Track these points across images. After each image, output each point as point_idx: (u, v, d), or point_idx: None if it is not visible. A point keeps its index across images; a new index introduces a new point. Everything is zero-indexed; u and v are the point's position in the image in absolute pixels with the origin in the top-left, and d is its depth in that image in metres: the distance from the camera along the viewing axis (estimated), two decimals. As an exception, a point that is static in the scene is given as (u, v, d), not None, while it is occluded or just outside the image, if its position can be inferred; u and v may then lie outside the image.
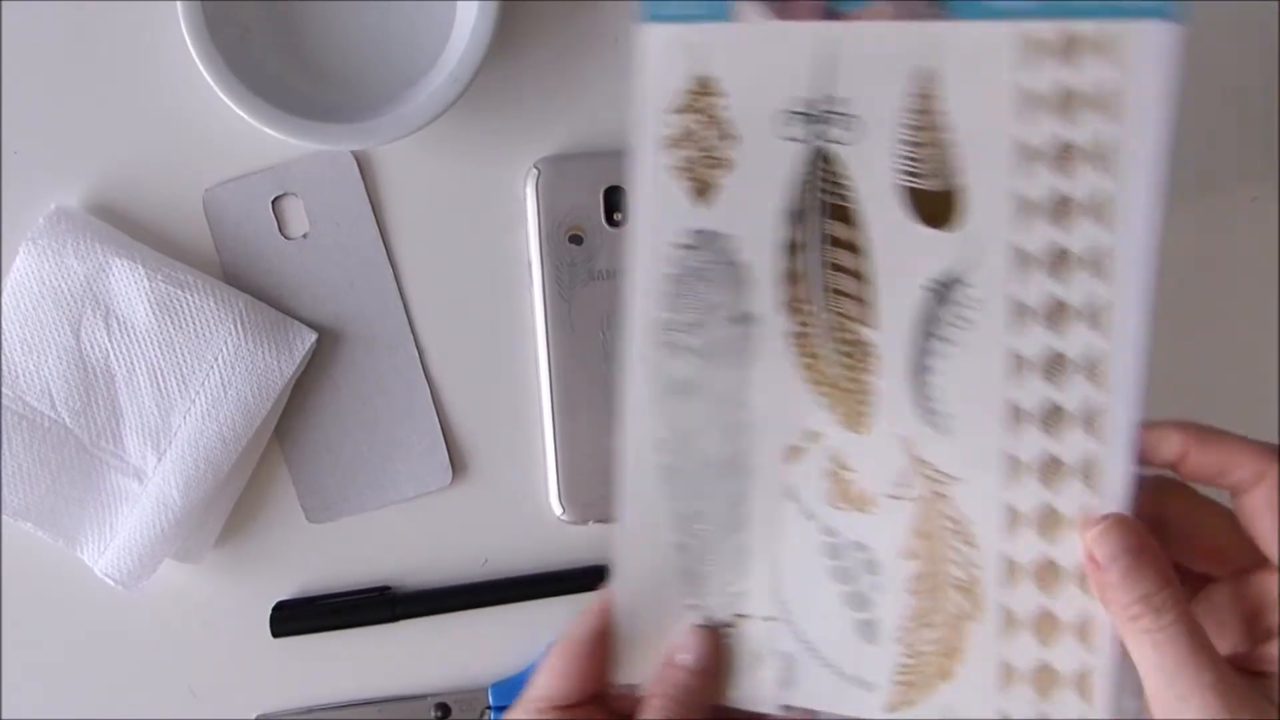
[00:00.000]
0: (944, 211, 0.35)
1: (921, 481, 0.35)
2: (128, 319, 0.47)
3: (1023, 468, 0.35)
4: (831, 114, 0.35)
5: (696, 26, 0.35)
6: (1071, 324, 0.34)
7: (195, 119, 0.47)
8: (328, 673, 0.50)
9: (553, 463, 0.48)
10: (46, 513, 0.47)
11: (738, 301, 0.36)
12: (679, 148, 0.36)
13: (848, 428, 0.36)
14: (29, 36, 0.48)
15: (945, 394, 0.35)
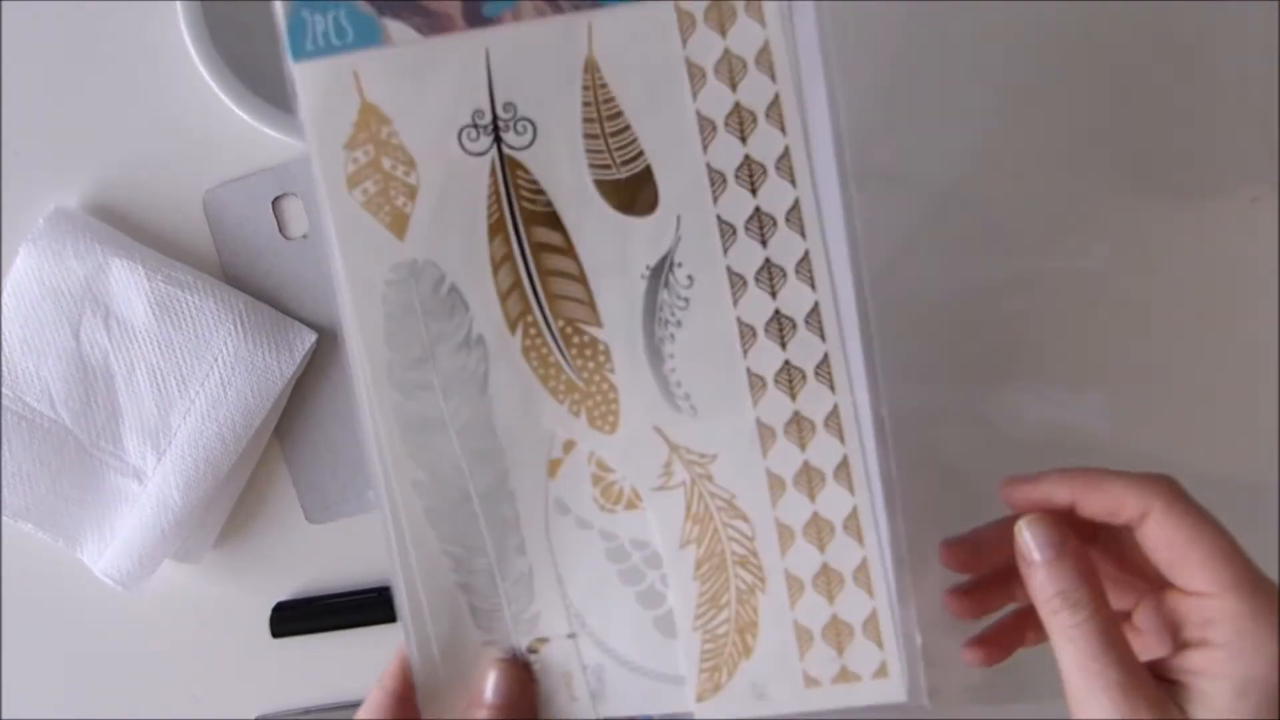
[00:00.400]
0: (639, 197, 0.35)
1: (683, 467, 0.36)
2: (127, 319, 0.47)
3: (773, 431, 0.35)
4: (504, 121, 0.34)
5: (348, 56, 0.34)
6: (786, 280, 0.35)
7: (195, 119, 0.48)
8: (328, 673, 0.50)
9: None
10: (46, 513, 0.47)
11: (460, 328, 0.35)
12: (361, 183, 0.35)
13: (599, 430, 0.36)
14: (29, 36, 0.48)
15: (685, 376, 0.35)
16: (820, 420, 0.35)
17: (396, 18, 0.34)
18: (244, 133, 0.45)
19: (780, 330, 0.35)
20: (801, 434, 0.35)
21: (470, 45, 0.34)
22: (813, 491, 0.35)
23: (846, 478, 0.35)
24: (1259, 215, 0.52)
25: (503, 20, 0.34)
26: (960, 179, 0.50)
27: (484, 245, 0.35)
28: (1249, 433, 0.52)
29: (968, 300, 0.51)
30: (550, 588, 0.36)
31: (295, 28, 0.34)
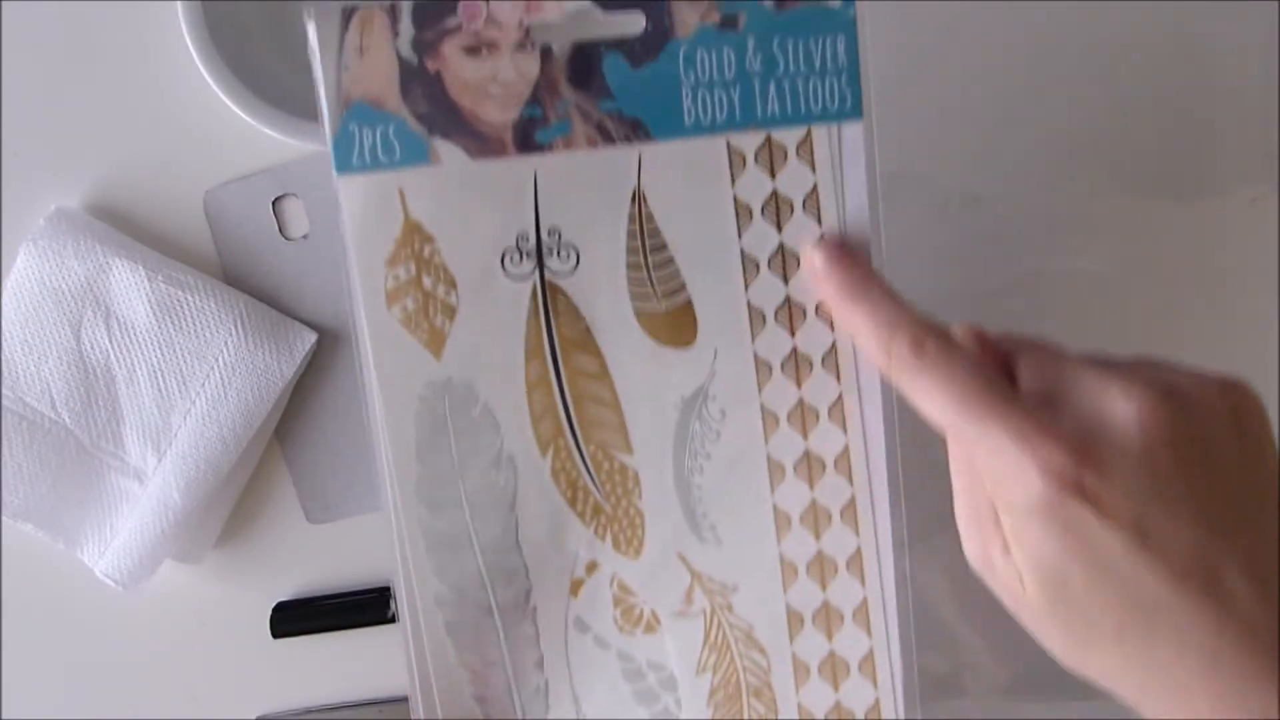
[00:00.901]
0: (678, 329, 0.35)
1: (704, 595, 0.36)
2: (128, 320, 0.47)
3: (795, 568, 0.36)
4: (548, 246, 0.34)
5: (395, 173, 0.33)
6: (818, 424, 0.35)
7: (196, 120, 0.47)
8: (328, 673, 0.50)
9: None
10: (46, 513, 0.47)
11: (491, 447, 0.35)
12: (401, 300, 0.34)
13: (623, 554, 0.36)
14: (29, 36, 0.48)
15: (711, 507, 0.36)
16: (843, 562, 0.36)
17: (446, 138, 0.33)
18: (244, 133, 0.45)
19: (809, 470, 0.36)
20: (823, 573, 0.36)
21: (519, 170, 0.34)
22: (830, 630, 0.36)
23: (865, 620, 0.36)
24: (1259, 215, 0.52)
25: (554, 147, 0.34)
26: (961, 179, 0.50)
27: (520, 368, 0.35)
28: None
29: (968, 300, 0.51)
30: (566, 704, 0.37)
31: (342, 141, 0.33)
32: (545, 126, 0.33)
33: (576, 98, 0.33)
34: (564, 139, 0.34)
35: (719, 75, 0.34)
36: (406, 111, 0.33)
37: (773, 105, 0.34)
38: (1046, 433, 0.30)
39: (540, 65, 0.33)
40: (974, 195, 0.51)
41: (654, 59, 0.33)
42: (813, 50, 0.34)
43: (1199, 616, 0.29)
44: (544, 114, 0.33)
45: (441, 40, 0.33)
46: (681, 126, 0.34)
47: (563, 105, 0.33)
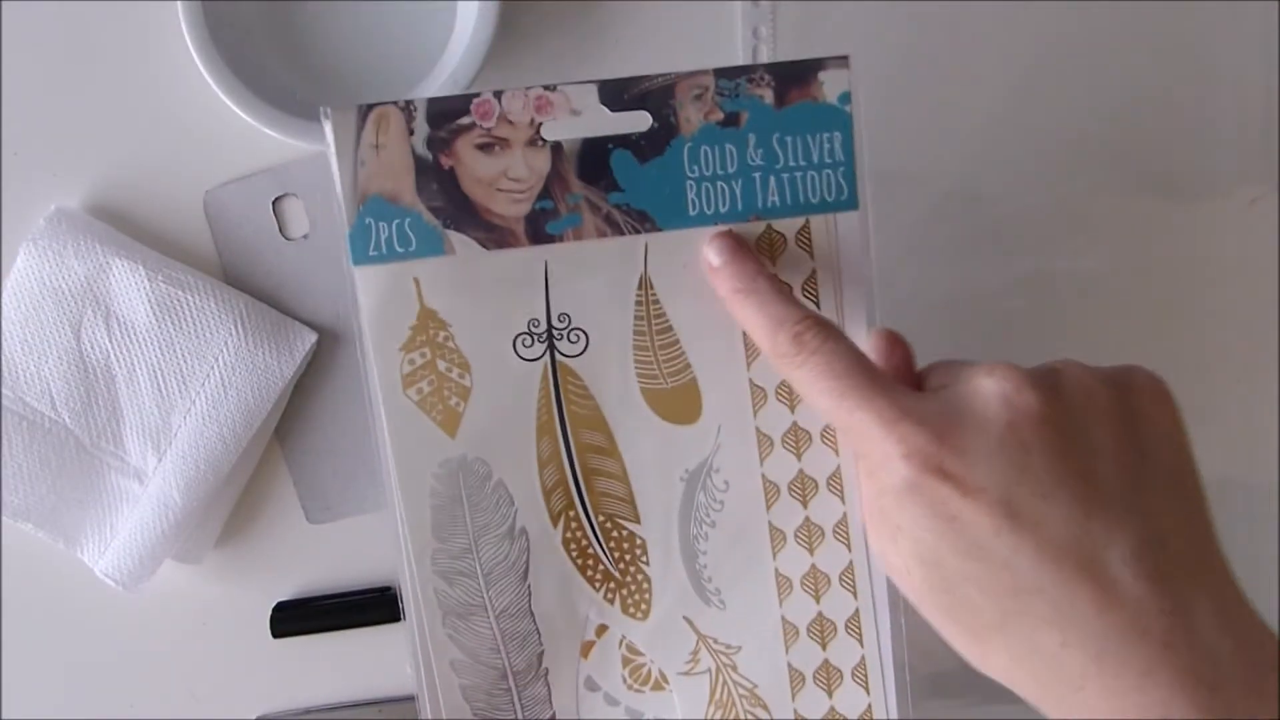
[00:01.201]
0: (683, 407, 0.37)
1: (709, 655, 0.38)
2: (128, 319, 0.47)
3: (797, 631, 0.38)
4: (558, 330, 0.36)
5: (411, 264, 0.35)
6: (817, 494, 0.37)
7: (196, 120, 0.47)
8: (328, 673, 0.50)
9: None
10: (47, 513, 0.47)
11: (504, 520, 0.37)
12: (417, 383, 0.36)
13: (631, 617, 0.38)
14: (29, 37, 0.48)
15: (715, 572, 0.38)
16: (842, 623, 0.38)
17: (460, 231, 0.35)
18: (244, 133, 0.45)
19: (810, 538, 0.37)
20: (823, 633, 0.38)
21: (531, 259, 0.36)
22: (831, 688, 0.38)
23: (863, 678, 0.38)
24: (1259, 215, 0.52)
25: (564, 238, 0.36)
26: (961, 179, 0.50)
27: (532, 445, 0.37)
28: (1249, 433, 0.52)
29: (968, 300, 0.51)
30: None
31: (359, 233, 0.35)
32: (556, 219, 0.35)
33: (586, 191, 0.35)
34: (574, 230, 0.36)
35: (721, 170, 0.36)
36: (421, 206, 0.35)
37: (773, 197, 0.36)
38: (909, 415, 0.31)
39: (551, 161, 0.35)
40: (974, 195, 0.51)
41: (660, 154, 0.35)
42: (811, 146, 0.36)
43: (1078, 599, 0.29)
44: (555, 207, 0.35)
45: (455, 138, 0.35)
46: (686, 217, 0.36)
47: (573, 198, 0.35)
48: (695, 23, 0.49)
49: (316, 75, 0.47)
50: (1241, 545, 0.53)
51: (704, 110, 0.35)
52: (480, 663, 0.38)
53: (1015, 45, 0.50)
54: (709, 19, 0.49)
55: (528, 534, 0.37)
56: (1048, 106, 0.51)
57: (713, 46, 0.49)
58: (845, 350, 0.33)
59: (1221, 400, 0.52)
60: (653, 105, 0.35)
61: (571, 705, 0.38)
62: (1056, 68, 0.51)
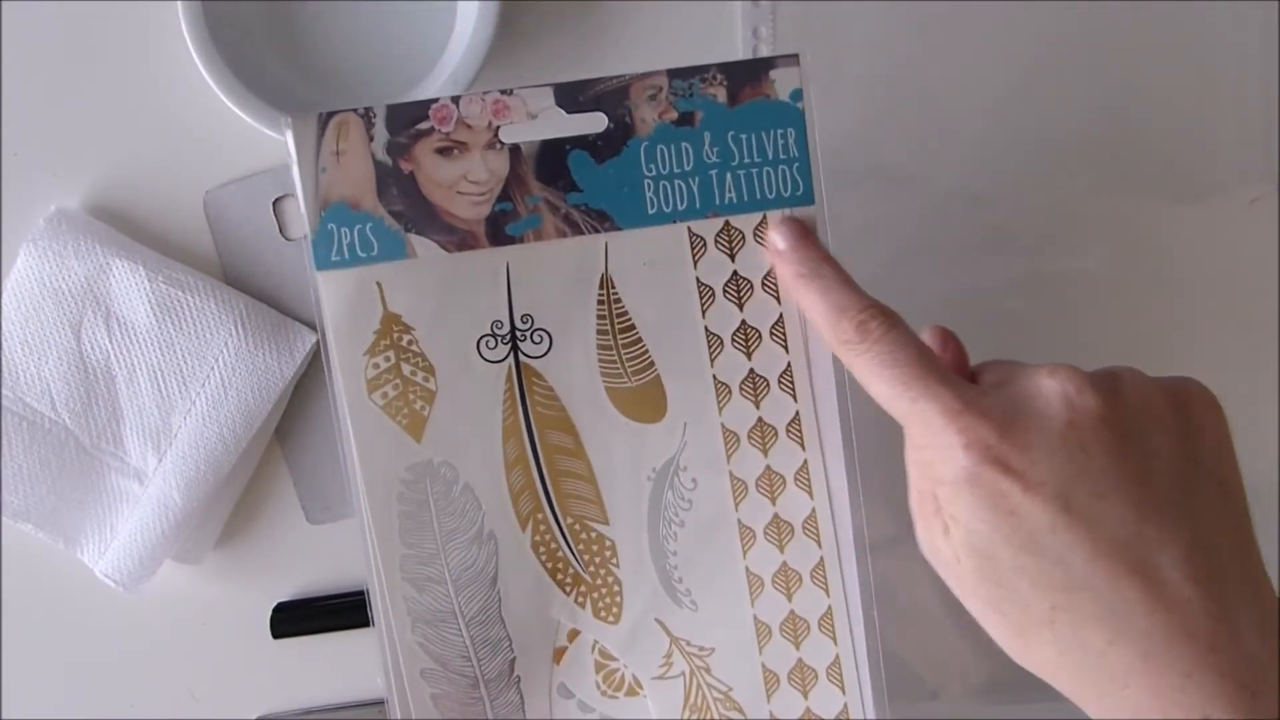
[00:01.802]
0: (649, 405, 0.37)
1: (682, 658, 0.38)
2: (128, 320, 0.47)
3: (770, 630, 0.38)
4: (524, 331, 0.36)
5: (373, 268, 0.35)
6: (785, 490, 0.37)
7: (196, 120, 0.47)
8: (328, 674, 0.50)
9: None
10: (47, 514, 0.47)
11: (475, 524, 0.37)
12: (381, 387, 0.36)
13: (602, 620, 0.38)
14: (29, 37, 0.48)
15: (686, 573, 0.38)
16: (814, 620, 0.38)
17: (422, 234, 0.35)
18: (244, 133, 0.45)
19: (779, 534, 0.37)
20: (796, 632, 0.38)
21: (492, 261, 0.36)
22: (806, 688, 0.38)
23: (838, 676, 0.38)
24: (1259, 216, 0.52)
25: (525, 239, 0.36)
26: (960, 179, 0.50)
27: (499, 447, 0.37)
28: (1249, 433, 0.52)
29: (968, 300, 0.51)
30: None
31: (321, 239, 0.35)
32: (516, 220, 0.36)
33: (545, 193, 0.36)
34: (534, 231, 0.36)
35: (678, 168, 0.36)
36: (383, 210, 0.35)
37: (730, 194, 0.36)
38: (972, 408, 0.31)
39: (510, 163, 0.36)
40: (974, 195, 0.51)
41: (617, 155, 0.36)
42: (765, 142, 0.36)
43: (1128, 598, 0.29)
44: (515, 208, 0.36)
45: (415, 143, 0.35)
46: (645, 216, 0.36)
47: (532, 200, 0.36)
48: (695, 23, 0.49)
49: (316, 75, 0.47)
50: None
51: (659, 110, 0.36)
52: (451, 671, 0.37)
53: (1015, 45, 0.50)
54: (709, 19, 0.49)
55: (496, 538, 0.37)
56: (1048, 106, 0.51)
57: (713, 46, 0.49)
58: (908, 340, 0.33)
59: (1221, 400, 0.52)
60: (608, 106, 0.36)
61: (545, 712, 0.38)
62: (1056, 68, 0.51)
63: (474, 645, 0.38)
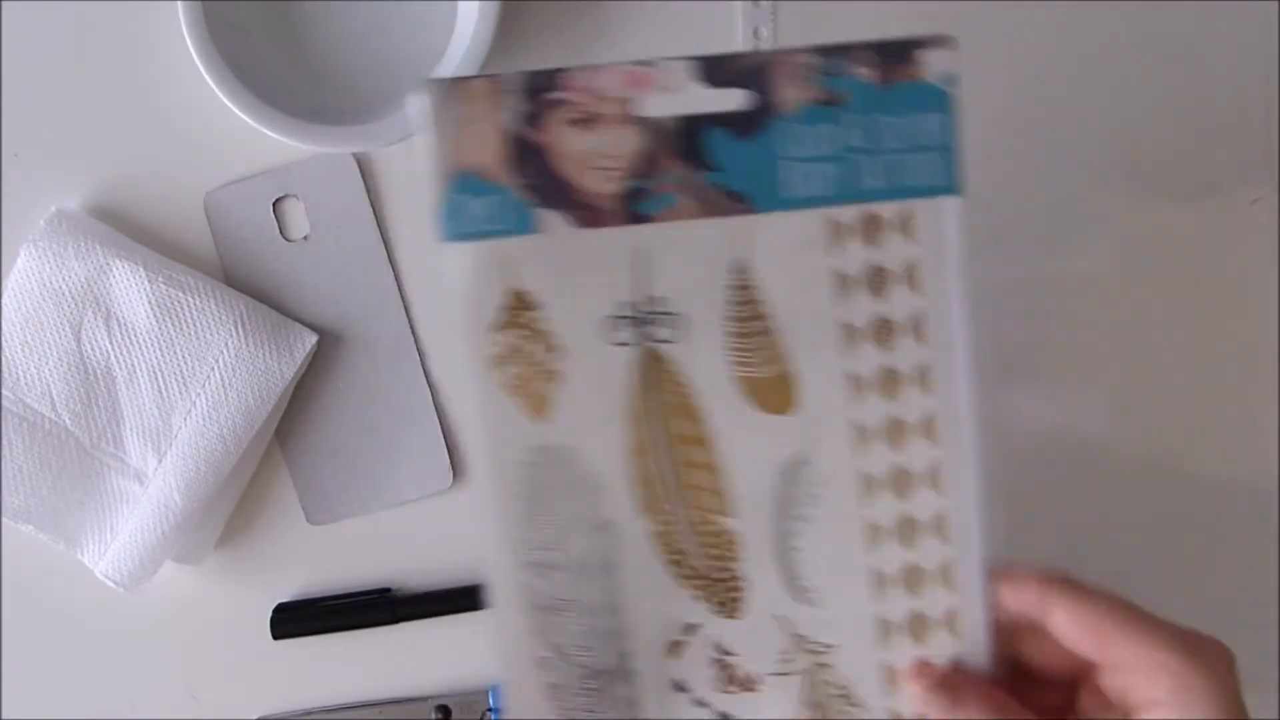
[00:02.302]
0: (780, 397, 0.35)
1: (802, 655, 0.37)
2: (129, 321, 0.47)
3: (893, 627, 0.37)
4: (654, 314, 0.35)
5: (501, 242, 0.34)
6: (915, 488, 0.36)
7: (196, 121, 0.47)
8: (328, 675, 0.50)
9: None
10: (47, 515, 0.47)
11: (595, 511, 0.36)
12: (506, 365, 0.35)
13: (723, 615, 0.37)
14: (29, 38, 0.48)
15: (811, 569, 0.36)
16: (939, 621, 0.36)
17: (552, 209, 0.34)
18: (245, 134, 0.45)
19: (907, 533, 0.36)
20: (922, 632, 0.37)
21: (623, 240, 0.34)
22: None
23: None
24: (1259, 216, 0.52)
25: (658, 218, 0.34)
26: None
27: (621, 433, 0.35)
28: (1249, 433, 0.52)
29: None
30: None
31: (449, 209, 0.34)
32: (650, 198, 0.34)
33: (681, 171, 0.34)
34: (668, 210, 0.34)
35: (820, 151, 0.34)
36: (512, 182, 0.34)
37: (872, 180, 0.34)
38: None
39: (645, 138, 0.34)
40: (973, 195, 0.51)
41: (757, 134, 0.34)
42: (912, 127, 0.34)
43: None
44: (649, 186, 0.34)
45: (547, 114, 0.33)
46: (783, 200, 0.34)
47: (667, 178, 0.34)
48: (695, 23, 0.49)
49: (316, 75, 0.47)
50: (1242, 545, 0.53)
51: (803, 89, 0.34)
52: (566, 660, 0.36)
53: (1015, 46, 0.50)
54: (709, 19, 0.49)
55: (616, 527, 0.36)
56: (1048, 107, 0.51)
57: (713, 46, 0.49)
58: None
59: (1221, 400, 0.52)
60: (751, 83, 0.34)
61: (659, 707, 0.37)
62: (1057, 68, 0.51)
63: (589, 636, 0.36)
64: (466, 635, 0.50)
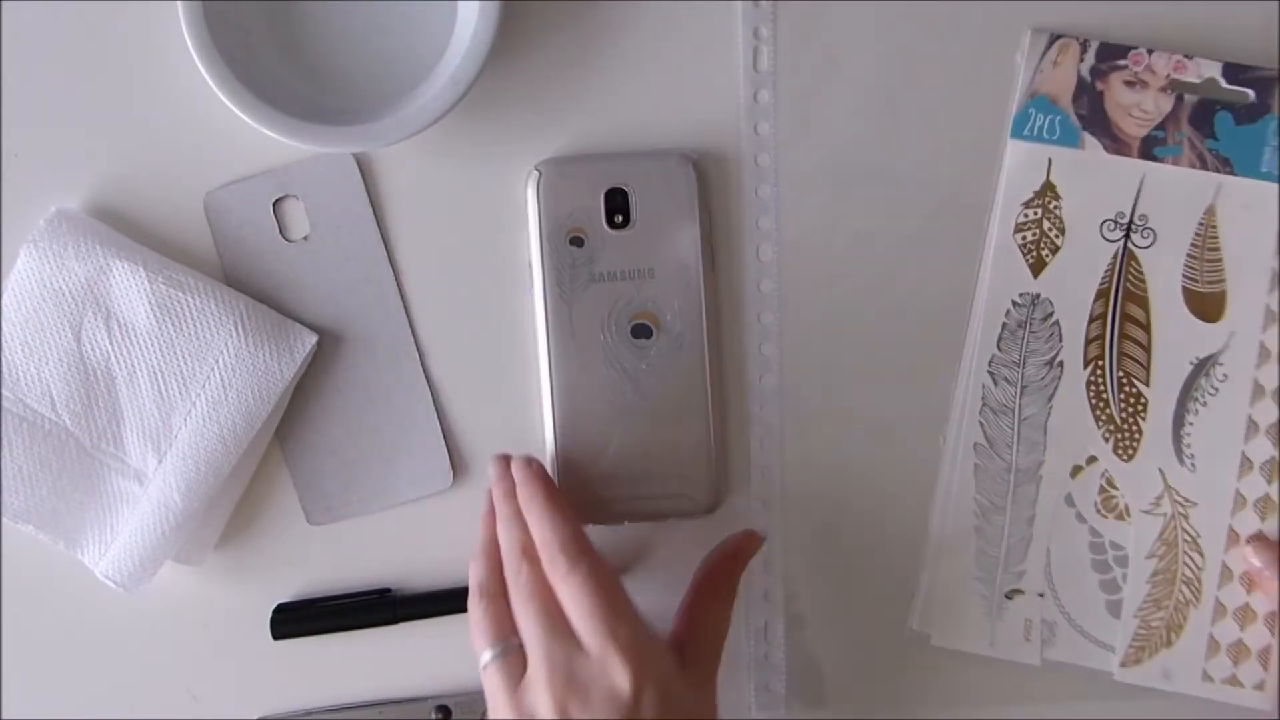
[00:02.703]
0: (1211, 309, 0.49)
1: (1169, 503, 0.49)
2: (129, 321, 0.47)
3: (1245, 502, 0.49)
4: (1136, 225, 0.49)
5: (1050, 147, 0.49)
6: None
7: (196, 121, 0.47)
8: (328, 675, 0.50)
9: (552, 465, 0.48)
10: (47, 515, 0.47)
11: (1051, 350, 0.49)
12: (1023, 231, 0.49)
13: (1119, 457, 0.49)
14: (29, 38, 0.48)
15: (1195, 441, 0.49)
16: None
17: (1094, 134, 0.49)
18: (244, 134, 0.45)
19: (1275, 434, 0.49)
20: (1265, 509, 0.49)
21: (1135, 168, 0.49)
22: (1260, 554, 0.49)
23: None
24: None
25: (1164, 161, 0.49)
26: (960, 180, 0.50)
27: (1089, 303, 0.49)
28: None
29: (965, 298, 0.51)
30: (1040, 556, 0.49)
31: (1021, 118, 0.49)
32: (1163, 145, 0.49)
33: (1190, 133, 0.49)
34: (1174, 158, 0.49)
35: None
36: (1071, 111, 0.49)
37: None
38: None
39: (1173, 105, 0.48)
40: (973, 196, 0.51)
41: (1252, 123, 0.49)
42: None
43: None
44: (1165, 137, 0.49)
45: (1111, 72, 0.49)
46: (1258, 172, 0.49)
47: (1179, 135, 0.49)
48: (695, 23, 0.49)
49: (316, 75, 0.47)
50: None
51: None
52: (995, 451, 0.49)
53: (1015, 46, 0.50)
54: (709, 19, 0.49)
55: (1063, 366, 0.49)
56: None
57: (713, 47, 0.49)
58: None
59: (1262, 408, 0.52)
60: (1256, 87, 0.48)
61: (1049, 512, 0.49)
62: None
63: (1019, 439, 0.49)
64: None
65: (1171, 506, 0.49)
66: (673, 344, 0.48)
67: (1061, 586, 0.49)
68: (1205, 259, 0.48)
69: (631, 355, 0.48)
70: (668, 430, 0.48)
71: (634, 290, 0.48)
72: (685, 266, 0.48)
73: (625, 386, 0.48)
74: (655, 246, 0.48)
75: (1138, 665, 0.49)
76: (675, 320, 0.48)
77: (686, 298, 0.48)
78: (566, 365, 0.48)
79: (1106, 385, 0.49)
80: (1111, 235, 0.48)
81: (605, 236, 0.48)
